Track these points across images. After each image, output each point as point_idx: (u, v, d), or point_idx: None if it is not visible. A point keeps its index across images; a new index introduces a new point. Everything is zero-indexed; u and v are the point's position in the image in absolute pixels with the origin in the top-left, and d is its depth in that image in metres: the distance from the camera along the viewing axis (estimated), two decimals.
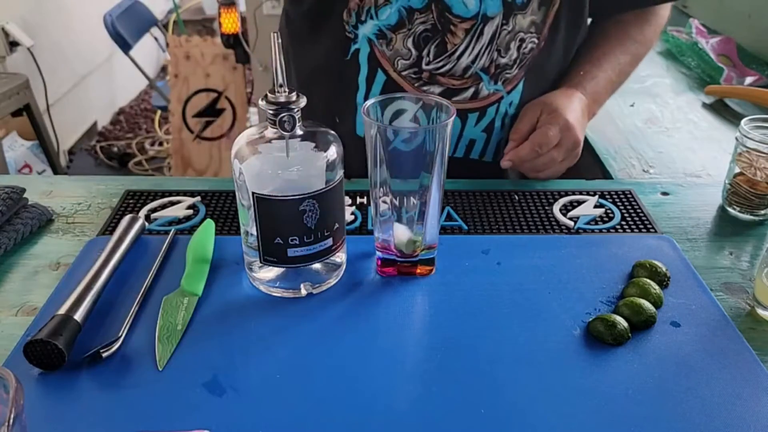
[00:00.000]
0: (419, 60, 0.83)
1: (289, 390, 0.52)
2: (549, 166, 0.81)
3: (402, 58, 0.83)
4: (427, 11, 0.80)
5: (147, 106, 3.55)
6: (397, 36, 0.82)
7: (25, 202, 0.74)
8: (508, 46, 0.83)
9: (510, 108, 0.88)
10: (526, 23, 0.82)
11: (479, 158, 0.91)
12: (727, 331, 0.59)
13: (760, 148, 0.73)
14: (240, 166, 0.58)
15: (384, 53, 0.83)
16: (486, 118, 0.87)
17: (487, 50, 0.82)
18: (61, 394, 0.52)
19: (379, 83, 0.85)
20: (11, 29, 2.33)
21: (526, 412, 0.51)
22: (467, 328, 0.59)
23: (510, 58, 0.84)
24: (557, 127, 0.79)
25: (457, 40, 0.81)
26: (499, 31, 0.81)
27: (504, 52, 0.83)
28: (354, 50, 0.84)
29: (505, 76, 0.85)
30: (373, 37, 0.82)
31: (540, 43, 0.84)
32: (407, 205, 0.61)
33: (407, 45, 0.82)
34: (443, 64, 0.83)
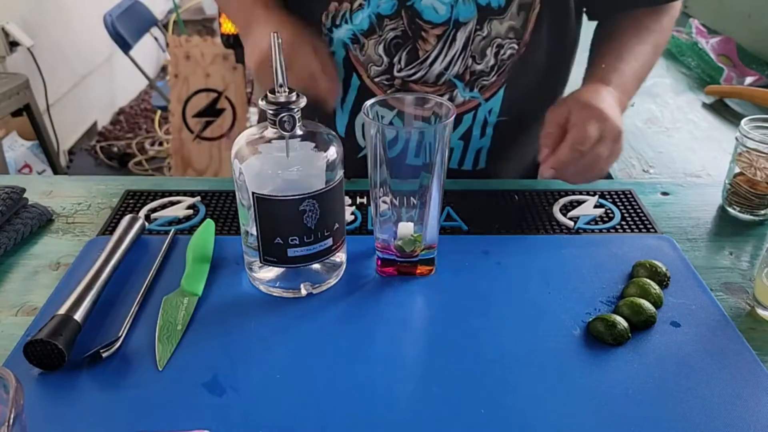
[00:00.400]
0: (391, 67, 0.82)
1: (289, 390, 0.52)
2: (595, 166, 0.72)
3: (374, 65, 0.82)
4: (397, 17, 0.78)
5: (147, 106, 3.55)
6: (369, 42, 0.81)
7: (25, 202, 0.74)
8: (483, 53, 0.80)
9: (490, 116, 0.86)
10: (503, 29, 0.79)
11: (458, 167, 0.89)
12: (727, 331, 0.59)
13: (760, 148, 0.73)
14: (240, 166, 0.58)
15: (358, 58, 0.82)
16: (462, 126, 0.85)
17: (461, 57, 0.80)
18: (61, 394, 0.52)
19: (354, 87, 0.84)
20: (11, 29, 2.33)
21: (526, 412, 0.51)
22: (467, 328, 0.59)
23: (486, 65, 0.81)
24: (593, 119, 0.71)
25: (429, 47, 0.80)
26: (472, 37, 0.79)
27: (479, 58, 0.81)
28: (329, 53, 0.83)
29: (481, 83, 0.83)
30: (347, 41, 0.82)
31: (521, 49, 0.81)
32: (407, 205, 0.61)
33: (378, 51, 0.81)
34: (415, 71, 0.81)
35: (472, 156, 0.89)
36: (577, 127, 0.71)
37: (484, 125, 0.86)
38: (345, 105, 0.86)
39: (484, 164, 0.89)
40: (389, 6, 0.78)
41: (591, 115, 0.72)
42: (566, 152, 0.70)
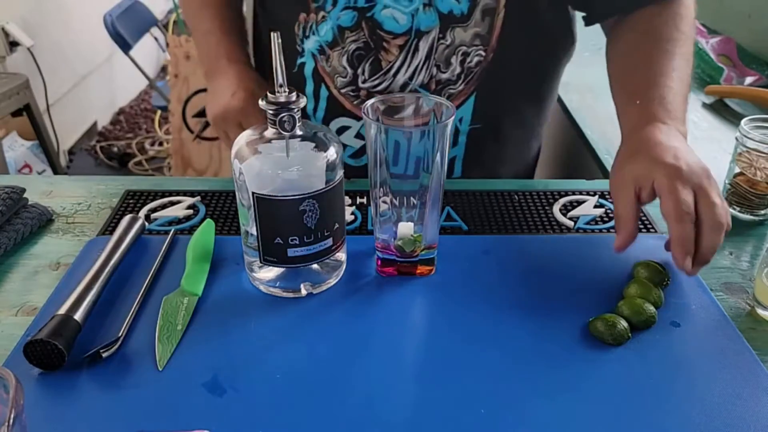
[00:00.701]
0: (355, 78, 0.81)
1: (289, 390, 0.52)
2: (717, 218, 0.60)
3: (340, 76, 0.82)
4: (358, 29, 0.78)
5: (147, 106, 3.55)
6: (333, 53, 0.81)
7: (25, 202, 0.74)
8: (448, 61, 0.79)
9: (461, 124, 0.84)
10: (468, 36, 0.78)
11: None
12: (727, 331, 0.59)
13: (760, 148, 0.73)
14: (240, 166, 0.58)
15: (325, 69, 0.83)
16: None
17: (425, 66, 0.79)
18: (61, 394, 0.52)
19: (324, 98, 0.85)
20: (11, 29, 2.33)
21: (526, 412, 0.51)
22: (467, 328, 0.59)
23: (452, 73, 0.80)
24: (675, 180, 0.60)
25: (392, 57, 0.79)
26: (435, 45, 0.78)
27: (444, 67, 0.79)
28: (300, 63, 0.84)
29: (448, 91, 0.81)
30: (315, 52, 0.82)
31: (488, 55, 0.79)
32: (407, 205, 0.61)
33: (342, 63, 0.81)
34: (379, 81, 0.81)
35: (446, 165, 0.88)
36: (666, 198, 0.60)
37: (456, 134, 0.85)
38: (317, 115, 0.86)
39: (460, 173, 0.89)
40: (349, 18, 0.78)
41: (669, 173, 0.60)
42: (679, 229, 0.59)
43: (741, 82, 1.23)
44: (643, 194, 0.62)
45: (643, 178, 0.62)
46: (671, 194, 0.59)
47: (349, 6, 0.77)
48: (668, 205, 0.59)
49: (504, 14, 0.77)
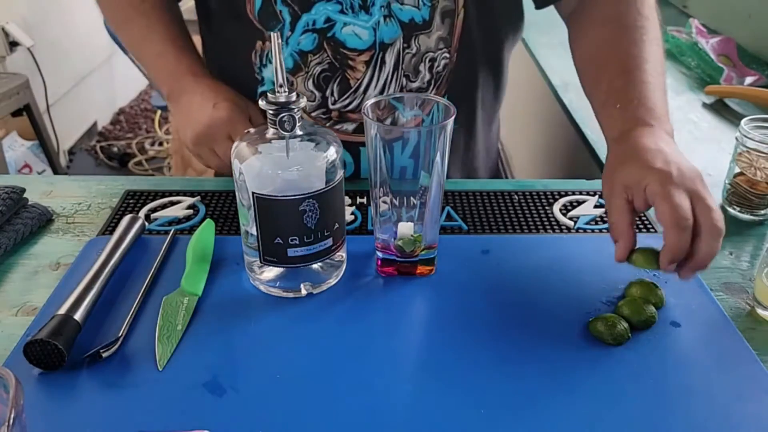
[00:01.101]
0: (324, 100, 0.80)
1: (289, 390, 0.52)
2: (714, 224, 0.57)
3: (308, 100, 0.80)
4: (321, 51, 0.77)
5: (147, 106, 3.55)
6: (297, 79, 0.79)
7: (25, 202, 0.74)
8: (417, 70, 0.78)
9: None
10: (432, 42, 0.77)
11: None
12: (727, 331, 0.59)
13: (760, 148, 0.73)
14: (240, 166, 0.58)
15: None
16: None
17: (394, 77, 0.78)
18: (61, 394, 0.52)
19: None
20: (11, 29, 2.33)
21: (526, 412, 0.51)
22: (467, 328, 0.59)
23: (423, 81, 0.79)
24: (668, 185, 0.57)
25: (359, 75, 0.78)
26: (402, 56, 0.77)
27: (414, 76, 0.79)
28: (261, 92, 0.81)
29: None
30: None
31: (452, 56, 0.79)
32: (407, 205, 0.61)
33: (309, 87, 0.79)
34: (350, 100, 0.79)
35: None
36: (659, 201, 0.57)
37: None
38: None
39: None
40: (310, 41, 0.76)
41: (661, 179, 0.58)
42: (675, 237, 0.56)
43: (741, 82, 1.23)
44: (636, 202, 0.60)
45: (634, 185, 0.59)
46: (665, 200, 0.56)
47: (308, 29, 0.76)
48: (664, 212, 0.56)
49: (463, 14, 0.77)
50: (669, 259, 0.57)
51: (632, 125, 0.66)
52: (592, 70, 0.76)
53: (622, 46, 0.73)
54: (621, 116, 0.68)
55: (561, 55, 1.21)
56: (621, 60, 0.72)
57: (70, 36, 2.92)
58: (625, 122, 0.67)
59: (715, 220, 0.57)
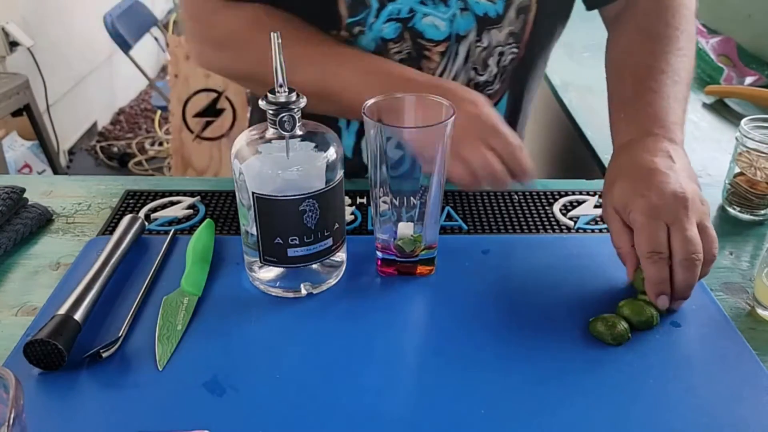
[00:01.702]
0: None
1: (289, 390, 0.52)
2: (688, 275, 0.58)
3: None
4: (401, 40, 0.77)
5: (147, 106, 3.55)
6: None
7: (25, 202, 0.74)
8: (485, 63, 0.79)
9: None
10: (503, 36, 0.78)
11: None
12: (727, 331, 0.59)
13: (760, 148, 0.73)
14: (240, 166, 0.58)
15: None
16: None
17: (463, 70, 0.79)
18: (61, 394, 0.52)
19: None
20: (11, 29, 2.33)
21: (526, 412, 0.51)
22: (467, 328, 0.59)
23: (490, 75, 0.80)
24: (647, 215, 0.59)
25: (433, 65, 0.78)
26: (473, 49, 0.78)
27: (482, 69, 0.79)
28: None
29: (486, 93, 0.81)
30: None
31: (520, 52, 0.80)
32: (407, 205, 0.61)
33: None
34: None
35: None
36: (637, 232, 0.59)
37: None
38: (351, 126, 0.85)
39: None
40: (392, 30, 0.76)
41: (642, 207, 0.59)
42: (651, 270, 0.58)
43: (741, 82, 1.23)
44: (630, 225, 0.61)
45: (622, 210, 0.61)
46: (642, 232, 0.58)
47: (392, 18, 0.76)
48: (639, 243, 0.58)
49: (536, 9, 0.77)
50: (653, 290, 0.58)
51: (635, 135, 0.67)
52: (611, 77, 0.77)
53: (640, 55, 0.74)
54: (625, 125, 0.69)
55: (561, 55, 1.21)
56: (636, 69, 0.73)
57: (70, 36, 2.92)
58: (629, 132, 0.68)
59: (689, 252, 0.57)
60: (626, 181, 0.63)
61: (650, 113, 0.68)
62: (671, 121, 0.67)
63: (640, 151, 0.64)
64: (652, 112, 0.68)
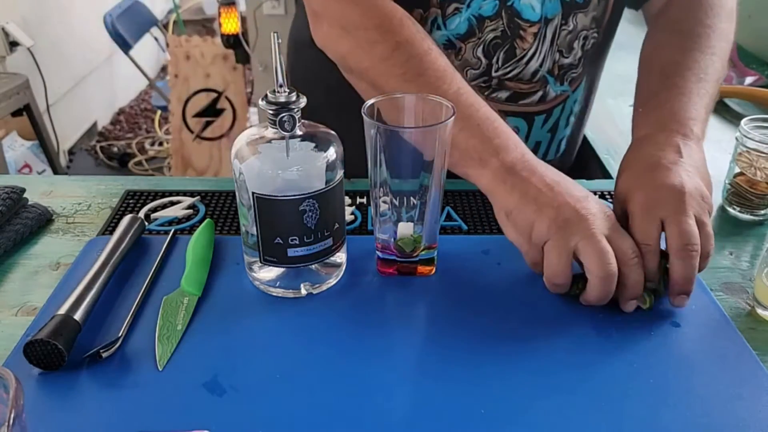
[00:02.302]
0: (489, 68, 0.79)
1: (289, 390, 0.52)
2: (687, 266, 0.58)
3: (471, 68, 0.79)
4: (498, 18, 0.76)
5: (147, 106, 3.55)
6: (466, 46, 0.78)
7: (25, 202, 0.74)
8: (570, 46, 0.80)
9: (575, 105, 0.86)
10: (588, 21, 0.79)
11: (543, 157, 0.87)
12: (727, 331, 0.59)
13: (760, 148, 0.73)
14: (240, 166, 0.58)
15: (453, 63, 0.72)
16: (552, 119, 0.85)
17: (550, 52, 0.79)
18: (61, 394, 0.52)
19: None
20: (11, 29, 2.33)
21: (526, 412, 0.51)
22: (467, 328, 0.58)
23: (575, 58, 0.81)
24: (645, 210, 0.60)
25: (527, 45, 0.78)
26: (558, 32, 0.78)
27: (567, 52, 0.80)
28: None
29: (570, 75, 0.82)
30: (441, 47, 0.74)
31: (599, 37, 0.81)
32: (407, 205, 0.61)
33: (477, 54, 0.78)
34: (512, 68, 0.79)
35: (556, 146, 0.89)
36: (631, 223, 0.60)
37: (570, 115, 0.87)
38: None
39: (563, 151, 0.90)
40: (491, 7, 0.76)
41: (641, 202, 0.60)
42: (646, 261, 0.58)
43: (741, 82, 1.23)
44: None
45: (623, 203, 0.62)
46: (633, 224, 0.60)
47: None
48: (633, 235, 0.59)
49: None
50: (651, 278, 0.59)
51: (650, 130, 0.68)
52: (641, 72, 0.78)
53: (669, 51, 0.75)
54: (644, 120, 0.70)
55: None
56: (663, 65, 0.73)
57: (70, 36, 2.92)
58: (645, 126, 0.69)
59: (684, 243, 0.57)
60: (630, 174, 0.64)
61: (669, 109, 0.68)
62: (689, 117, 0.67)
63: (651, 145, 0.65)
64: (670, 108, 0.68)
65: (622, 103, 1.17)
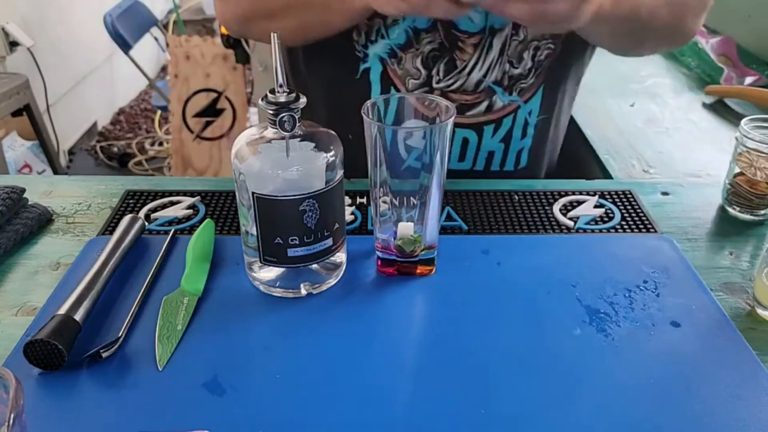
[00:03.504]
0: (429, 79, 0.81)
1: (289, 390, 0.52)
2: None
3: (412, 78, 0.81)
4: (433, 30, 0.77)
5: (147, 106, 3.55)
6: (406, 55, 0.80)
7: (25, 202, 0.74)
8: (520, 56, 0.80)
9: (530, 117, 0.85)
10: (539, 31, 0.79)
11: (500, 168, 0.88)
12: (727, 331, 0.59)
13: (760, 148, 0.72)
14: (240, 166, 0.58)
15: (396, 72, 0.81)
16: (503, 129, 0.85)
17: (498, 63, 0.79)
18: (61, 394, 0.52)
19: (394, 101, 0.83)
20: (11, 29, 2.33)
21: (525, 412, 0.51)
22: (467, 328, 0.59)
23: (524, 68, 0.81)
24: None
25: (467, 56, 0.79)
26: (508, 42, 0.78)
27: (517, 62, 0.80)
28: (364, 69, 0.82)
29: (520, 86, 0.82)
30: (385, 56, 0.80)
31: (557, 48, 0.81)
32: (407, 205, 0.61)
33: (416, 65, 0.80)
34: (454, 81, 0.80)
35: (514, 156, 0.88)
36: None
37: (525, 126, 0.86)
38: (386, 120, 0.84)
39: (525, 163, 0.89)
40: (425, 20, 0.76)
41: None
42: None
43: (741, 82, 1.23)
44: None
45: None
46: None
47: None
48: None
49: None
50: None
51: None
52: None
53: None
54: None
55: None
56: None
57: (70, 36, 2.92)
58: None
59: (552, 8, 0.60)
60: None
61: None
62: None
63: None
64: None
65: (623, 103, 1.17)
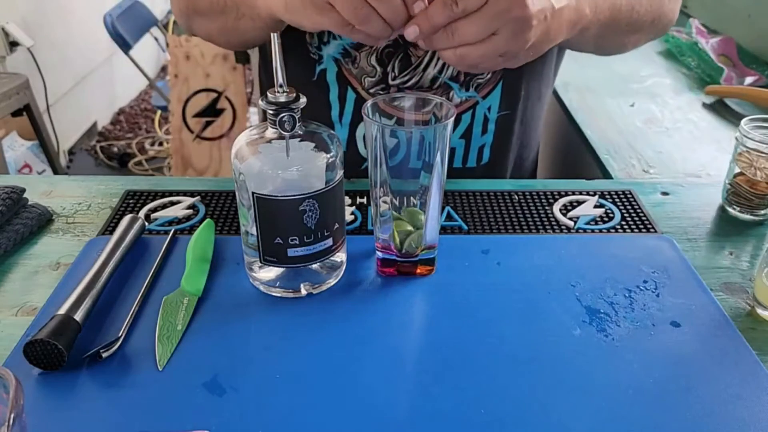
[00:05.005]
0: (385, 76, 0.81)
1: (289, 390, 0.52)
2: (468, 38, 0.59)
3: (368, 76, 0.82)
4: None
5: (147, 106, 3.55)
6: (360, 54, 0.80)
7: (25, 202, 0.74)
8: None
9: (489, 113, 0.85)
10: None
11: (462, 165, 0.89)
12: (727, 331, 0.59)
13: (760, 148, 0.73)
14: (240, 166, 0.58)
15: (351, 72, 0.82)
16: (462, 125, 0.85)
17: None
18: (61, 394, 0.52)
19: (351, 101, 0.84)
20: (11, 29, 2.34)
21: (526, 412, 0.51)
22: (467, 328, 0.59)
23: None
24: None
25: (421, 53, 0.79)
26: None
27: None
28: (320, 70, 0.83)
29: (476, 82, 0.82)
30: (338, 56, 0.81)
31: None
32: (407, 205, 0.61)
33: (371, 62, 0.81)
34: (409, 77, 0.81)
35: (475, 153, 0.88)
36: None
37: (485, 122, 0.86)
38: (344, 119, 0.86)
39: (487, 159, 0.89)
40: None
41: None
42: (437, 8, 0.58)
43: (741, 82, 1.23)
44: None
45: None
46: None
47: None
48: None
49: None
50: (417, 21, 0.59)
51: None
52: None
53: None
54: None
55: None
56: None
57: (70, 36, 2.92)
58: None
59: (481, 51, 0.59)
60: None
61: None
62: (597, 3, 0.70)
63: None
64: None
65: (623, 103, 1.17)
